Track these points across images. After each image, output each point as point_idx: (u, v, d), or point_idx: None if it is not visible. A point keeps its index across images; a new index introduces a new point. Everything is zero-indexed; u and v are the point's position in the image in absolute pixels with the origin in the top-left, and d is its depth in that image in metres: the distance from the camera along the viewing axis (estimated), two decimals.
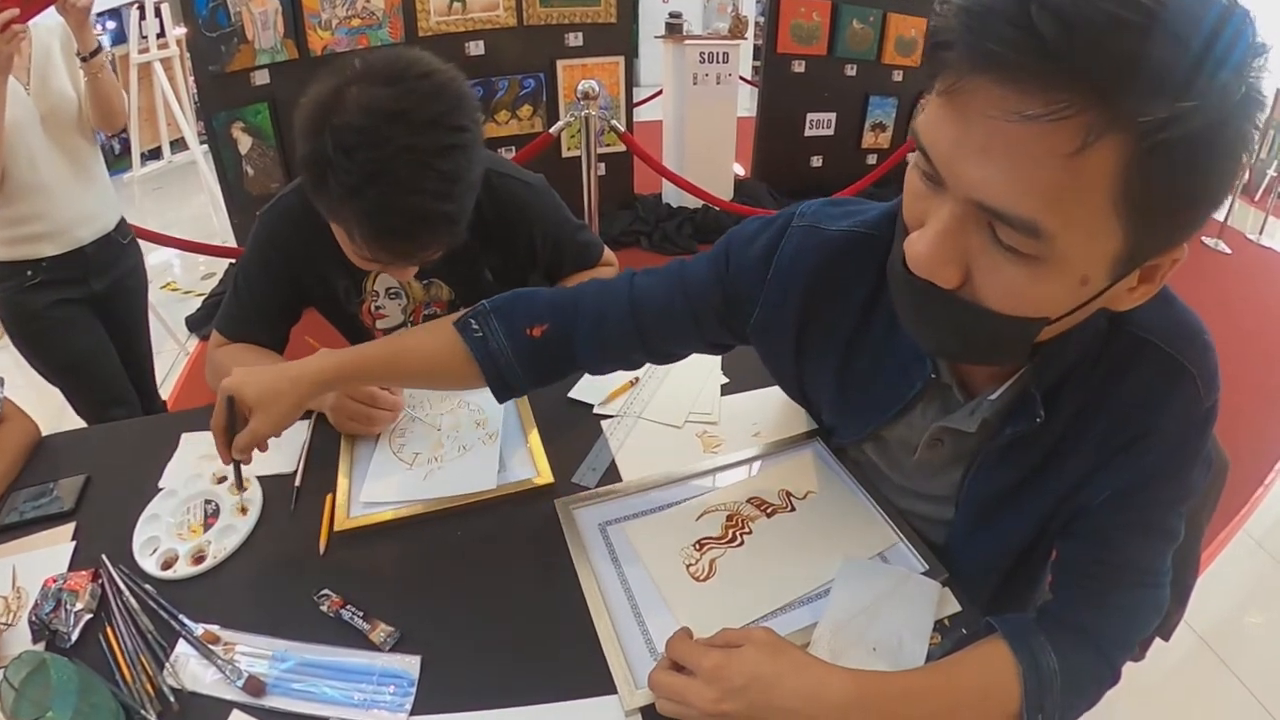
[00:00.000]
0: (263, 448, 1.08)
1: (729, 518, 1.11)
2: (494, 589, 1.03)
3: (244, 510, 1.15)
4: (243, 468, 1.11)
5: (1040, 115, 0.56)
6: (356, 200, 1.12)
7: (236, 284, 1.53)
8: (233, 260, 4.68)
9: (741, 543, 1.07)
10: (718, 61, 5.45)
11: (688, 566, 1.03)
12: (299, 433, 1.29)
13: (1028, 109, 0.56)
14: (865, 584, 0.98)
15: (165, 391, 3.46)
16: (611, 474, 1.22)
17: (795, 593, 0.99)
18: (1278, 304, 5.15)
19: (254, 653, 0.93)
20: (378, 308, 1.58)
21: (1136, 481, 0.88)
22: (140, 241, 2.51)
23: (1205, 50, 0.54)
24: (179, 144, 5.83)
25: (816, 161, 6.38)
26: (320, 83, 1.16)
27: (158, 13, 5.09)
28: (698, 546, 1.06)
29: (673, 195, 5.67)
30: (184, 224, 5.89)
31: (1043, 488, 0.93)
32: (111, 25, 6.71)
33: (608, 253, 1.67)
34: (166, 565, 1.07)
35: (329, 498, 1.16)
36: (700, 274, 1.06)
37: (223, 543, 1.10)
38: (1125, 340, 0.84)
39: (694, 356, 1.16)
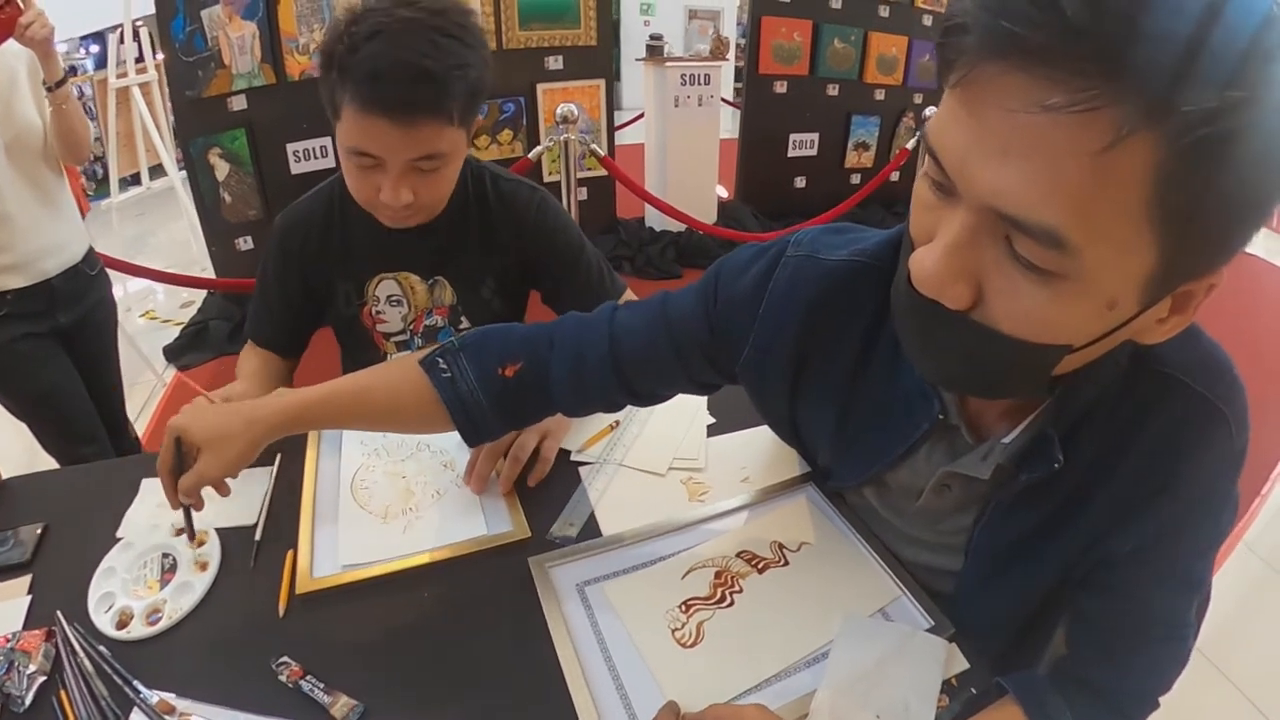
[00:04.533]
0: (222, 491, 1.02)
1: (717, 574, 1.04)
2: (463, 657, 0.96)
3: (202, 566, 1.08)
4: (195, 516, 1.05)
5: (1065, 106, 0.49)
6: (354, 55, 1.21)
7: (257, 286, 1.60)
8: (211, 290, 4.64)
9: (731, 603, 1.00)
10: (699, 83, 5.47)
11: (673, 631, 0.96)
12: (260, 483, 1.23)
13: (1050, 98, 0.50)
14: (867, 644, 0.92)
15: (141, 424, 3.39)
16: (591, 527, 1.15)
17: (790, 658, 0.93)
18: (1269, 315, 5.16)
19: None
20: (378, 312, 1.58)
21: (1165, 530, 0.82)
22: (118, 271, 2.47)
23: (1258, 37, 0.48)
24: (158, 170, 5.78)
25: (800, 182, 6.41)
26: None
27: (136, 36, 5.05)
28: (684, 608, 0.99)
29: (655, 219, 5.67)
30: (164, 250, 5.87)
31: (1061, 537, 0.87)
32: (95, 49, 6.67)
33: (629, 292, 1.62)
34: (121, 624, 1.00)
35: (289, 555, 1.09)
36: (685, 308, 1.00)
37: (179, 601, 1.03)
38: (1150, 378, 0.78)
39: (678, 396, 1.10)
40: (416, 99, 1.22)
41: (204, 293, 4.78)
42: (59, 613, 1.00)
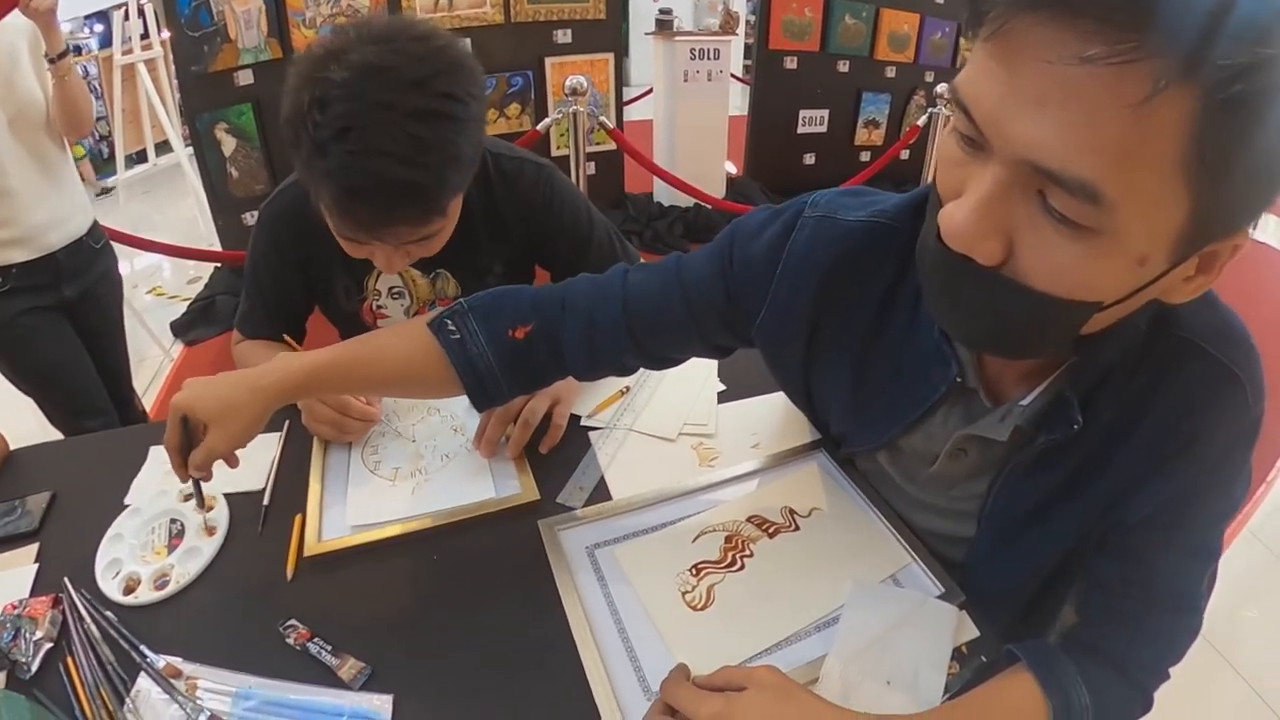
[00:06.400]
0: (231, 463, 1.00)
1: (728, 539, 1.03)
2: (472, 620, 0.95)
3: (210, 531, 1.08)
4: (204, 484, 1.04)
5: (1103, 57, 0.49)
6: (323, 158, 1.05)
7: (247, 282, 1.51)
8: (218, 264, 4.63)
9: (742, 566, 0.99)
10: (709, 58, 5.42)
11: (684, 594, 0.95)
12: (268, 448, 1.22)
13: (1088, 49, 0.49)
14: (877, 610, 0.91)
15: (149, 400, 3.40)
16: (601, 491, 1.14)
17: (801, 622, 0.92)
18: (1273, 300, 5.11)
19: (216, 689, 0.86)
20: (379, 306, 1.52)
21: (1180, 496, 0.81)
22: (125, 246, 2.45)
23: None
24: (164, 146, 5.76)
25: (809, 159, 6.37)
26: (317, 41, 1.10)
27: (141, 13, 5.03)
28: (694, 571, 0.98)
29: (664, 194, 5.64)
30: (172, 227, 5.86)
31: (1077, 502, 0.86)
32: (100, 28, 6.64)
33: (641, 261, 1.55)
34: (129, 590, 1.00)
35: (298, 519, 1.09)
36: (700, 270, 0.98)
37: (186, 566, 1.02)
38: (1169, 343, 0.77)
39: (689, 362, 1.09)
40: (400, 214, 1.12)
41: (210, 268, 4.78)
42: (66, 579, 1.00)
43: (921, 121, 5.60)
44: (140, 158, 6.20)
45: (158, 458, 1.24)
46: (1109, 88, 0.50)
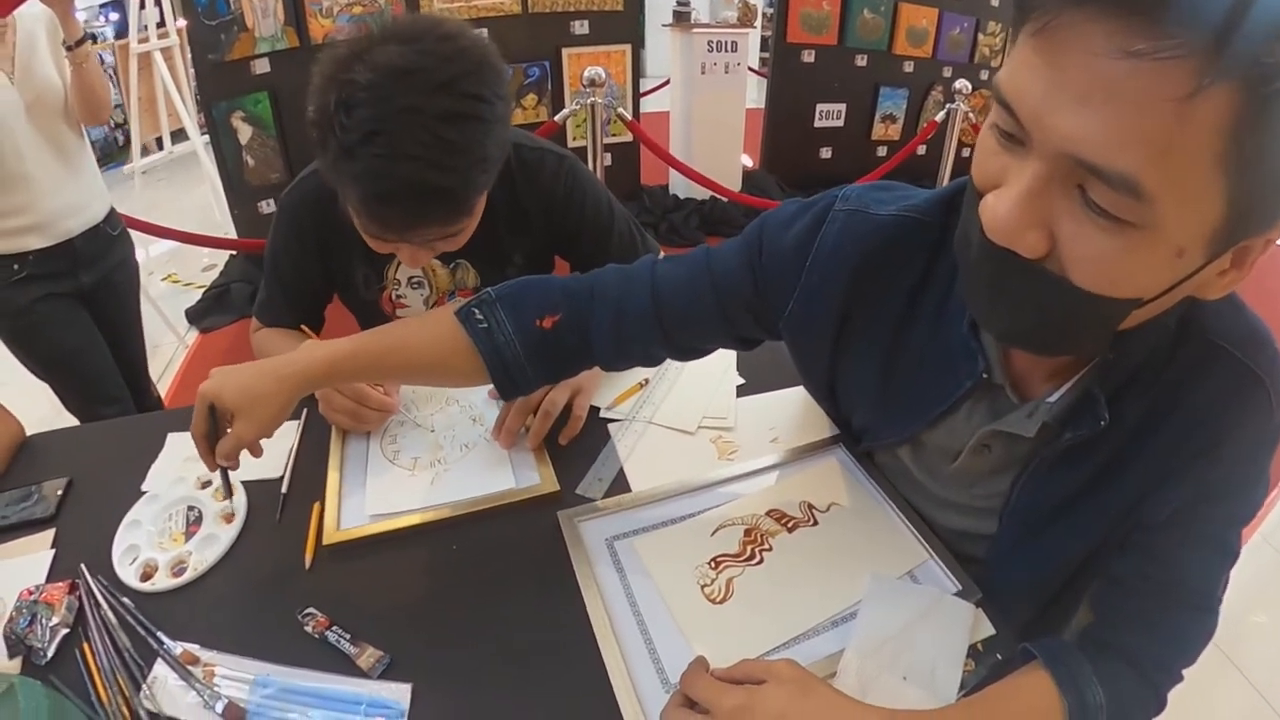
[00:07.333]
0: (255, 452, 1.01)
1: (747, 532, 1.03)
2: (491, 611, 0.95)
3: (228, 518, 1.08)
4: (230, 473, 1.04)
5: (1149, 53, 0.49)
6: (350, 161, 1.05)
7: (266, 269, 1.50)
8: (233, 252, 4.64)
9: (761, 560, 0.99)
10: (726, 50, 5.38)
11: (703, 587, 0.95)
12: (286, 436, 1.23)
13: (1135, 44, 0.50)
14: (894, 606, 0.91)
15: (164, 386, 3.41)
16: (620, 483, 1.14)
17: (819, 616, 0.92)
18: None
19: (234, 676, 0.87)
20: (399, 296, 1.52)
21: (1201, 496, 0.81)
22: (141, 234, 2.45)
23: None
24: (180, 134, 5.76)
25: (826, 153, 6.32)
26: (342, 39, 1.09)
27: (158, 1, 5.03)
28: (713, 565, 0.98)
29: (680, 186, 5.63)
30: (187, 215, 5.86)
31: (1101, 499, 0.86)
32: (115, 17, 6.64)
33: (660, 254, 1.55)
34: (146, 576, 1.00)
35: (316, 507, 1.09)
36: (730, 262, 0.98)
37: (204, 554, 1.03)
38: (1196, 345, 0.78)
39: (708, 355, 1.09)
40: (428, 216, 1.13)
41: (225, 256, 4.79)
42: (82, 565, 1.00)
43: (939, 117, 5.55)
44: (155, 145, 6.19)
45: (175, 444, 1.24)
46: (1154, 83, 0.50)
